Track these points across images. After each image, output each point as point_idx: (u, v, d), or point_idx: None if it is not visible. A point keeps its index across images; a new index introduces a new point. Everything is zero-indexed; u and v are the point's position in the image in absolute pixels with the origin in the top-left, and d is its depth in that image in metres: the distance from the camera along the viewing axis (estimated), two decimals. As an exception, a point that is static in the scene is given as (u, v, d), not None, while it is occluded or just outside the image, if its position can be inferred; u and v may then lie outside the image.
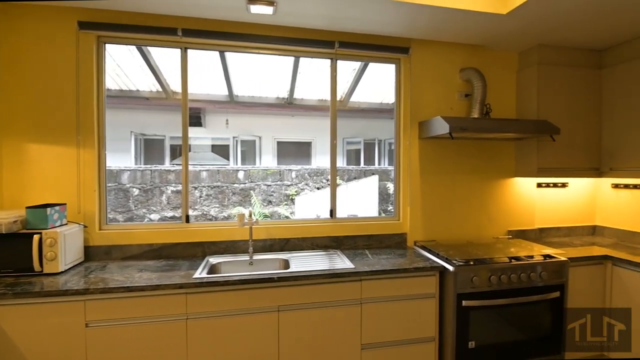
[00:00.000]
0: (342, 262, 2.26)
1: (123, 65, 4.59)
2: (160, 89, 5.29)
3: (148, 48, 3.98)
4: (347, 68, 4.59)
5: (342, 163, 7.32)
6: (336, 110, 2.73)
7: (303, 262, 2.28)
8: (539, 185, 3.06)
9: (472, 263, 2.21)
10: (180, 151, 2.46)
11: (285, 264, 2.34)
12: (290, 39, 2.49)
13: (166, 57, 4.38)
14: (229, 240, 2.48)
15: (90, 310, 1.78)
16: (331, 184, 2.76)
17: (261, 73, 5.05)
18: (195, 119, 6.46)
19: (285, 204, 5.77)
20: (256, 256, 2.41)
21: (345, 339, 2.08)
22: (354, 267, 2.14)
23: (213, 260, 2.33)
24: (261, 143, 7.10)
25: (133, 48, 3.98)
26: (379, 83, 5.08)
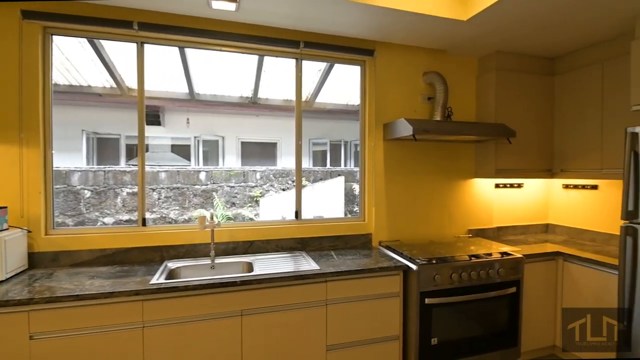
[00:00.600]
0: (308, 264, 2.28)
1: (73, 59, 4.36)
2: (114, 85, 5.07)
3: (101, 41, 3.82)
4: (313, 68, 4.64)
5: (308, 164, 7.37)
6: (301, 110, 2.76)
7: (267, 265, 2.28)
8: (497, 185, 3.26)
9: (435, 262, 2.32)
10: (137, 151, 2.39)
11: (249, 267, 2.33)
12: (254, 37, 2.49)
13: (121, 52, 4.21)
14: (190, 243, 2.43)
15: (34, 321, 1.68)
16: (296, 185, 2.78)
17: (224, 71, 4.98)
18: (153, 118, 6.24)
19: (249, 206, 5.72)
20: (218, 260, 2.39)
21: (310, 341, 2.10)
22: (319, 269, 2.17)
23: (172, 264, 2.28)
24: (224, 143, 6.99)
25: (84, 41, 3.80)
26: (345, 84, 5.18)
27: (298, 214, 2.75)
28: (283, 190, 5.94)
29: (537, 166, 3.07)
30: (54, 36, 2.29)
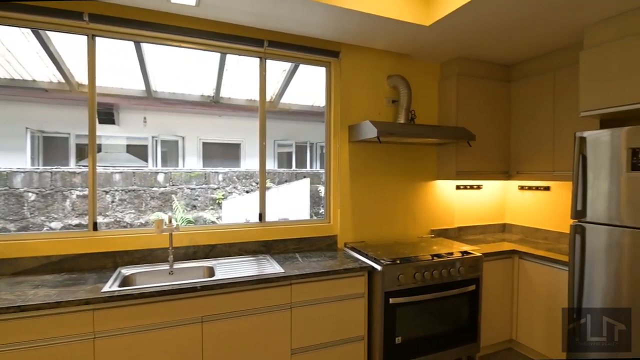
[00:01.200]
0: (272, 267, 2.28)
1: (15, 50, 4.07)
2: (62, 80, 4.79)
3: (47, 33, 3.60)
4: (278, 68, 4.63)
5: (273, 166, 7.34)
6: (265, 111, 2.75)
7: (230, 269, 2.24)
8: (458, 187, 3.41)
9: (399, 262, 2.39)
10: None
11: (210, 272, 2.28)
12: (215, 34, 2.46)
13: (70, 45, 3.99)
14: (146, 248, 2.35)
15: (-33, 337, 1.56)
16: (260, 187, 2.76)
17: (184, 68, 4.85)
18: (106, 116, 5.96)
19: (211, 209, 5.60)
20: (177, 265, 2.32)
21: (274, 346, 2.09)
22: (284, 272, 2.17)
23: (126, 271, 2.18)
24: (184, 144, 6.80)
25: (28, 32, 3.57)
26: (310, 85, 5.21)
27: (262, 217, 2.73)
28: (247, 192, 5.87)
29: (495, 168, 3.25)
30: (-7, 25, 2.13)
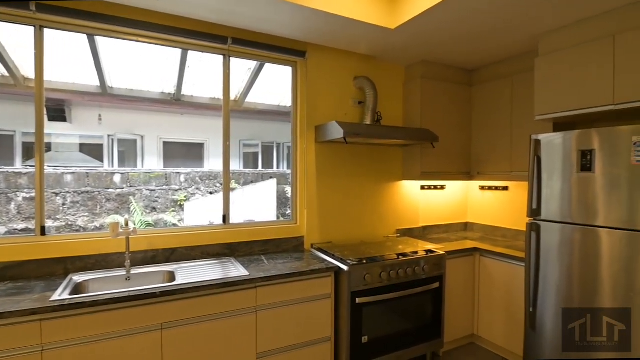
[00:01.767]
0: (236, 270, 2.24)
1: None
2: (6, 74, 4.47)
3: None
4: (243, 67, 4.57)
5: (239, 166, 7.23)
6: (229, 110, 2.71)
7: (192, 273, 2.19)
8: (423, 187, 3.52)
9: (365, 262, 2.43)
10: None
11: (170, 277, 2.21)
12: (176, 29, 2.39)
13: (15, 36, 3.73)
14: (100, 253, 2.24)
15: None
16: (224, 188, 2.72)
17: (143, 64, 4.67)
18: (57, 113, 5.62)
19: (172, 211, 5.43)
20: (135, 270, 2.23)
21: (239, 350, 2.06)
22: (249, 274, 2.14)
23: (78, 278, 2.07)
24: (144, 143, 6.55)
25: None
26: (277, 85, 5.18)
27: (226, 218, 2.69)
28: (211, 193, 5.74)
29: (458, 169, 3.39)
30: None
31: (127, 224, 2.18)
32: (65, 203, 4.82)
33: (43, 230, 2.18)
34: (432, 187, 3.58)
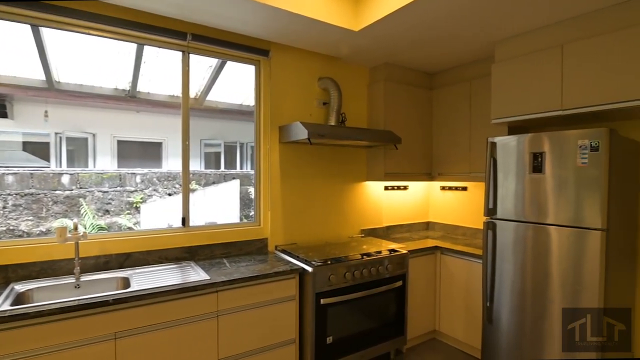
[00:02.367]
0: (196, 274, 2.18)
1: None
2: None
3: None
4: (204, 64, 4.46)
5: (200, 166, 7.03)
6: (189, 108, 2.63)
7: (148, 279, 2.10)
8: (386, 188, 3.61)
9: (330, 262, 2.44)
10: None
11: (125, 283, 2.11)
12: (132, 23, 2.29)
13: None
14: (46, 260, 2.10)
15: None
16: (183, 189, 2.64)
17: (94, 58, 4.43)
18: (-4, 108, 5.21)
19: (127, 213, 5.19)
20: (85, 277, 2.11)
21: (200, 357, 2.01)
22: (210, 278, 2.09)
23: (20, 287, 1.93)
24: (95, 142, 6.21)
25: None
26: (240, 83, 5.10)
27: (185, 221, 2.61)
28: (169, 195, 5.55)
29: (419, 170, 3.50)
30: None
31: (77, 228, 2.06)
32: (5, 206, 4.48)
33: (-21, 236, 2.01)
34: (396, 188, 3.68)
